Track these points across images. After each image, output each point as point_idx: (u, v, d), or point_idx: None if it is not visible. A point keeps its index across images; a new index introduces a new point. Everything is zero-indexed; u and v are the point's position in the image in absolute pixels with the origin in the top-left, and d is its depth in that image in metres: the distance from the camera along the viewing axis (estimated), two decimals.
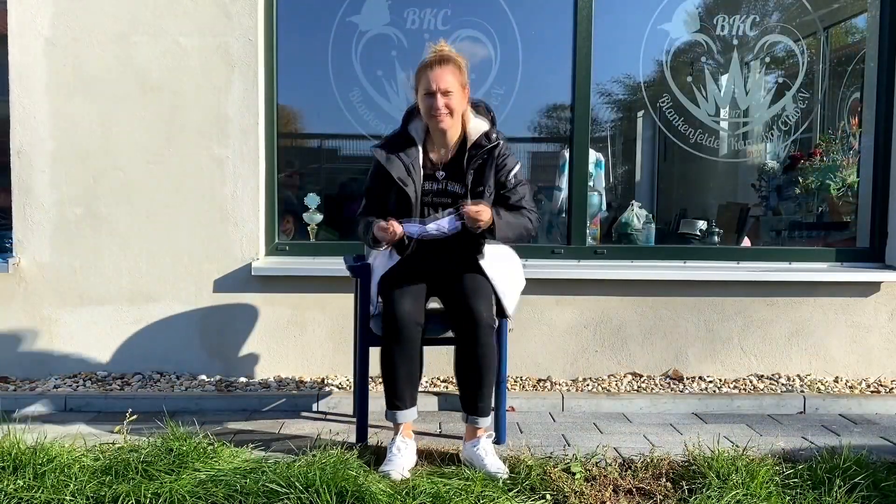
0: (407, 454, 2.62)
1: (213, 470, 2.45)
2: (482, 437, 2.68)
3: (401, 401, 2.68)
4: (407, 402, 2.69)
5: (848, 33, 4.53)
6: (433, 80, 2.64)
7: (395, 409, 2.69)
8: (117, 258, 3.70)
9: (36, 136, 3.66)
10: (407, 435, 2.70)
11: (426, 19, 3.96)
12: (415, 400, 2.73)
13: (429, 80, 2.65)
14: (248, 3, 3.66)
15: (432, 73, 2.65)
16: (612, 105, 4.48)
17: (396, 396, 2.68)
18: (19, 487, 2.33)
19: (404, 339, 2.63)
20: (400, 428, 2.70)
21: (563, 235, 4.08)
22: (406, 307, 2.64)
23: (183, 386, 3.61)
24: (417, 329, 2.66)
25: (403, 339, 2.63)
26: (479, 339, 2.62)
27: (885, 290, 3.88)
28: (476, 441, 2.67)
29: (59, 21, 3.63)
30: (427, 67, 2.67)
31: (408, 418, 2.71)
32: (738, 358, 3.87)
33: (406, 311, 2.63)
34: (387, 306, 2.67)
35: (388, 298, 2.69)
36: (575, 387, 3.71)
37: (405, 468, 2.56)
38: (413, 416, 2.72)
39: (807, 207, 4.48)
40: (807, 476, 2.51)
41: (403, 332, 2.62)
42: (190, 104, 3.68)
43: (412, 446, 2.67)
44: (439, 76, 2.64)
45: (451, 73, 2.67)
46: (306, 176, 4.28)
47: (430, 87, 2.65)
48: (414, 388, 2.71)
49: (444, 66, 2.67)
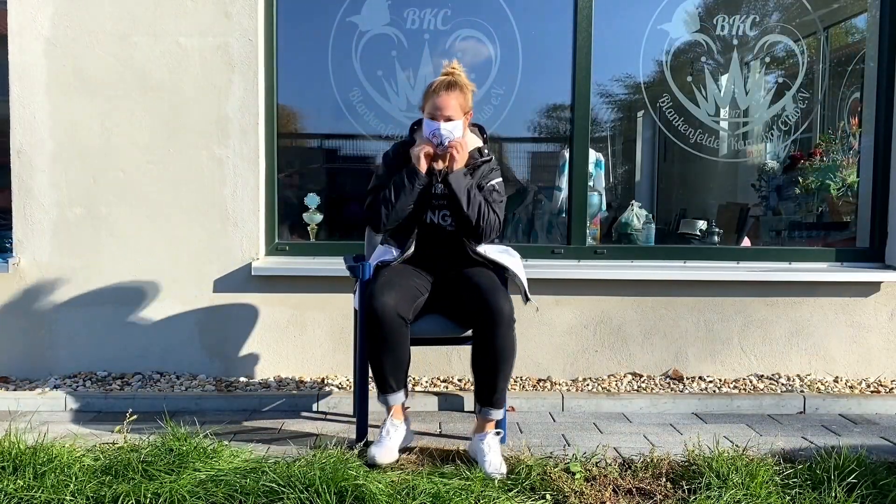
0: (396, 436, 2.73)
1: (213, 470, 2.45)
2: (490, 433, 2.71)
3: (388, 385, 2.77)
4: (394, 385, 2.77)
5: (848, 33, 4.53)
6: (438, 107, 2.79)
7: (385, 393, 2.79)
8: (117, 258, 3.71)
9: (36, 136, 3.66)
10: (397, 417, 2.78)
11: (426, 19, 3.96)
12: (402, 383, 2.81)
13: (434, 106, 2.80)
14: (248, 3, 3.67)
15: (438, 100, 2.79)
16: (612, 105, 4.48)
17: (384, 381, 2.76)
18: (19, 487, 2.33)
19: (385, 331, 2.65)
20: (391, 410, 2.79)
21: (563, 235, 4.08)
22: (389, 299, 2.65)
23: (183, 386, 3.61)
24: (399, 321, 2.66)
25: (385, 332, 2.65)
26: (502, 334, 2.66)
27: (885, 290, 3.88)
28: (483, 435, 2.70)
29: (59, 21, 3.63)
30: (434, 92, 2.81)
31: (396, 401, 2.79)
32: (737, 358, 3.87)
33: (388, 303, 2.64)
34: (368, 298, 2.68)
35: (371, 290, 2.70)
36: (575, 387, 3.71)
37: (393, 452, 2.67)
38: (401, 399, 2.80)
39: (807, 207, 4.48)
40: (807, 476, 2.51)
41: (385, 325, 2.64)
42: (190, 104, 3.68)
43: (402, 428, 2.77)
44: (444, 103, 2.79)
45: (455, 97, 2.81)
46: (306, 176, 4.28)
47: (434, 113, 2.80)
48: (400, 373, 2.78)
49: (451, 91, 2.81)
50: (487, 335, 2.67)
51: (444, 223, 2.90)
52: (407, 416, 2.87)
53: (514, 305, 2.72)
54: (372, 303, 2.64)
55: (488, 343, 2.68)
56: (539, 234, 4.38)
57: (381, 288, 2.69)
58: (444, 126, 2.79)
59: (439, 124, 2.80)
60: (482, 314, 2.68)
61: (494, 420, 2.75)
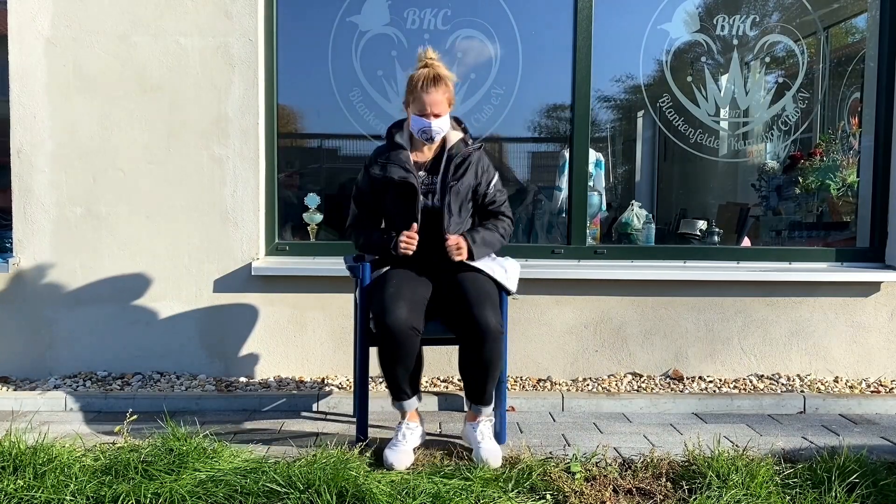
0: (412, 439, 2.79)
1: (213, 470, 2.45)
2: (483, 420, 2.80)
3: (403, 393, 2.82)
4: (410, 393, 2.83)
5: (848, 33, 4.53)
6: (427, 104, 2.80)
7: (400, 401, 2.84)
8: (117, 258, 3.71)
9: (36, 136, 3.66)
10: (412, 419, 2.84)
11: (426, 19, 3.96)
12: (417, 389, 2.89)
13: (423, 103, 2.81)
14: (248, 3, 3.67)
15: (427, 97, 2.80)
16: (612, 105, 4.48)
17: (399, 389, 2.81)
18: (19, 487, 2.33)
19: (400, 345, 2.66)
20: (406, 414, 2.84)
21: (563, 235, 4.08)
22: (400, 313, 2.65)
23: (183, 386, 3.61)
24: (413, 333, 2.67)
25: (399, 346, 2.66)
26: (488, 348, 2.68)
27: (885, 290, 3.88)
28: (476, 424, 2.80)
29: (59, 21, 3.63)
30: (421, 88, 2.81)
31: (412, 406, 2.85)
32: (738, 358, 3.87)
33: (401, 318, 2.64)
34: (380, 311, 2.68)
35: (383, 303, 2.70)
36: (575, 387, 3.71)
37: (409, 455, 2.71)
38: (416, 404, 2.87)
39: (807, 207, 4.48)
40: (807, 476, 2.51)
41: (399, 339, 2.65)
42: (190, 104, 3.68)
43: (417, 431, 2.83)
44: (433, 100, 2.80)
45: (442, 92, 2.83)
46: (306, 176, 4.28)
47: (423, 110, 2.82)
48: (415, 381, 2.86)
49: (437, 86, 2.81)
50: (475, 348, 2.70)
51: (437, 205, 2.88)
52: (420, 416, 2.93)
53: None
54: (385, 319, 2.65)
55: (475, 355, 2.71)
56: (539, 234, 4.38)
57: (392, 300, 2.68)
58: (436, 123, 2.82)
59: (430, 122, 2.82)
60: (469, 329, 2.68)
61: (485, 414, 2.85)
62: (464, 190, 2.89)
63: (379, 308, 2.69)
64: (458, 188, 2.87)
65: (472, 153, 2.93)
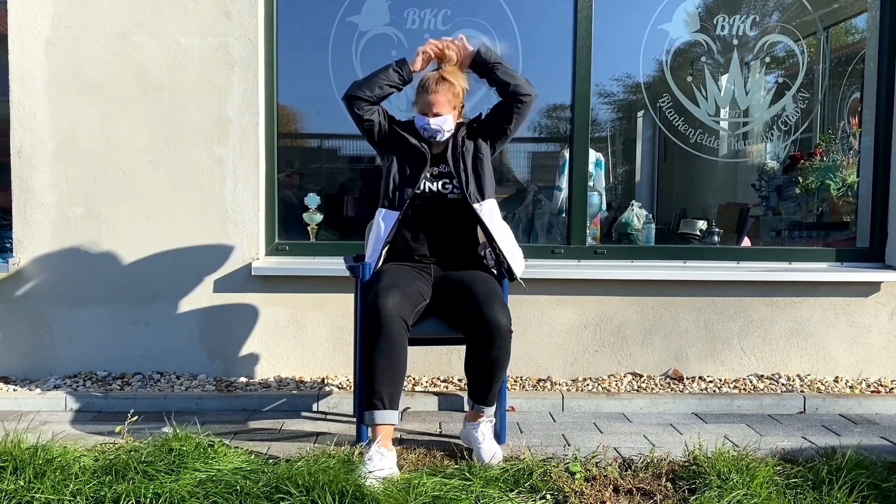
0: (382, 465, 2.45)
1: (213, 470, 2.45)
2: (483, 421, 2.79)
3: (378, 399, 2.56)
4: (385, 402, 2.57)
5: (848, 33, 4.53)
6: (428, 103, 2.88)
7: (371, 409, 2.57)
8: (117, 258, 3.71)
9: (36, 136, 3.66)
10: (384, 444, 2.53)
11: (426, 19, 3.97)
12: (395, 403, 2.60)
13: (424, 102, 2.90)
14: (248, 3, 3.67)
15: (428, 96, 2.88)
16: (612, 105, 4.48)
17: (374, 393, 2.57)
18: (19, 487, 2.33)
19: (386, 332, 2.57)
20: (378, 434, 2.55)
21: (563, 235, 4.08)
22: (392, 300, 2.62)
23: (183, 386, 3.61)
24: (401, 324, 2.62)
25: (385, 333, 2.57)
26: (498, 345, 2.64)
27: (885, 290, 3.88)
28: (476, 424, 2.79)
29: (59, 21, 3.63)
30: (424, 88, 2.90)
31: (386, 420, 2.57)
32: (738, 358, 3.87)
33: (391, 305, 2.61)
34: (372, 298, 2.66)
35: (375, 290, 2.69)
36: (575, 387, 3.71)
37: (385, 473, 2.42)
38: (392, 420, 2.58)
39: (807, 207, 4.48)
40: (807, 476, 2.51)
41: (386, 325, 2.57)
42: (190, 104, 3.68)
43: (389, 458, 2.50)
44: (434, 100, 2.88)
45: (444, 93, 2.89)
46: (306, 176, 4.28)
47: (424, 109, 2.91)
48: (395, 388, 2.60)
49: (440, 87, 2.88)
50: (484, 346, 2.66)
51: (445, 191, 2.90)
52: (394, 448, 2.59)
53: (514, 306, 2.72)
54: (375, 301, 2.62)
55: (484, 354, 2.67)
56: (539, 234, 4.38)
57: (385, 289, 2.68)
58: (434, 121, 2.87)
59: (428, 120, 2.87)
60: (478, 327, 2.65)
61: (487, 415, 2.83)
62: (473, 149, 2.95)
63: (372, 296, 2.67)
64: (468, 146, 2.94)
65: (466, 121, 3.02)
